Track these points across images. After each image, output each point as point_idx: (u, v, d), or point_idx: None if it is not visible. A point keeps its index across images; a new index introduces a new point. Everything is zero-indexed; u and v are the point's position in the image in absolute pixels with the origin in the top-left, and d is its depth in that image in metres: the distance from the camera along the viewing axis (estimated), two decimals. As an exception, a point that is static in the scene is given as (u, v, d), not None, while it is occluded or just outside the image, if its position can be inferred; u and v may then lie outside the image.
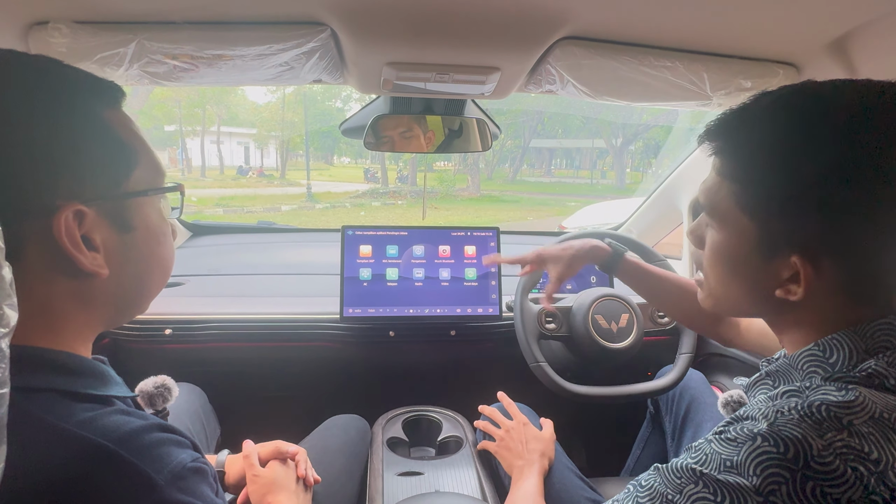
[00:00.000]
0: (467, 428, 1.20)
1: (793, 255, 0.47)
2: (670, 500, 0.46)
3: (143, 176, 0.50)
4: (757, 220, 0.50)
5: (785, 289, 0.49)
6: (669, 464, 0.49)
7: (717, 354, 1.43)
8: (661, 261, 1.26)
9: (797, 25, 0.77)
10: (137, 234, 0.49)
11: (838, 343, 0.48)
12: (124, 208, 0.48)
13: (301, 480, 0.86)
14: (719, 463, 0.44)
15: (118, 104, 0.50)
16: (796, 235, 0.48)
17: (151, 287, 0.54)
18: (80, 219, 0.44)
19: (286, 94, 18.57)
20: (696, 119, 1.59)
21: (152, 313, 1.23)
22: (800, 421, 0.42)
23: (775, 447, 0.41)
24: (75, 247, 0.43)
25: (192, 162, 19.54)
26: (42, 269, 0.43)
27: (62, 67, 0.46)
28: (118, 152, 0.47)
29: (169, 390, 0.68)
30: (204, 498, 0.42)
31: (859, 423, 0.41)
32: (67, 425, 0.39)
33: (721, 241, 0.54)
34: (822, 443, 0.40)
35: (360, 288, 1.29)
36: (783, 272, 0.49)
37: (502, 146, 19.43)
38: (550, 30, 0.77)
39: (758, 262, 0.51)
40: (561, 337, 1.22)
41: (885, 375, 0.45)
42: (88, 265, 0.44)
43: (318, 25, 0.76)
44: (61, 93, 0.44)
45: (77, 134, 0.44)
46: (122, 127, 0.49)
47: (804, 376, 0.50)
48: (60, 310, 0.46)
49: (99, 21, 0.74)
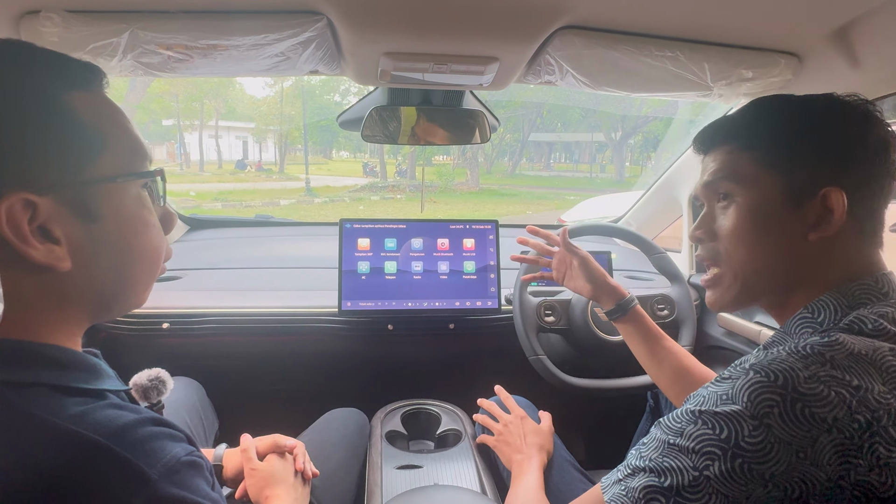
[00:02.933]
0: (466, 421, 1.20)
1: (821, 191, 0.54)
2: (672, 443, 0.49)
3: (112, 161, 0.46)
4: (781, 171, 0.57)
5: (821, 229, 0.55)
6: (670, 414, 0.52)
7: (716, 347, 1.43)
8: (661, 254, 1.26)
9: (799, 14, 0.76)
10: (107, 224, 0.46)
11: (825, 303, 0.55)
12: (88, 196, 0.44)
13: (299, 474, 0.86)
14: (716, 399, 0.48)
15: (88, 86, 0.46)
16: (821, 174, 0.55)
17: (136, 280, 0.50)
18: (33, 209, 0.41)
19: (284, 88, 18.49)
20: (696, 111, 1.58)
21: (150, 307, 1.23)
22: (787, 357, 0.47)
23: (766, 377, 0.46)
24: (21, 239, 0.40)
25: (190, 156, 19.48)
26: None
27: (15, 47, 0.43)
28: (79, 136, 0.44)
29: (164, 383, 0.67)
30: (199, 491, 0.42)
31: (839, 357, 0.46)
32: (58, 420, 0.39)
33: (748, 203, 0.59)
34: (807, 373, 0.45)
35: (359, 281, 1.28)
36: (811, 216, 0.55)
37: (501, 140, 19.37)
38: (549, 19, 0.76)
39: (787, 211, 0.57)
40: (560, 330, 1.22)
41: (864, 322, 0.50)
42: (41, 258, 0.41)
43: (314, 15, 0.75)
44: (8, 75, 0.41)
45: (25, 119, 0.41)
46: (89, 110, 0.45)
47: (797, 337, 0.55)
48: (30, 304, 0.43)
49: (91, 10, 0.73)
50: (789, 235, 0.57)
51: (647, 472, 0.50)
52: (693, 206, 1.50)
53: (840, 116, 0.56)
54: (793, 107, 0.58)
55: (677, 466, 0.47)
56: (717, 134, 0.63)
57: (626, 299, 0.97)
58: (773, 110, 0.59)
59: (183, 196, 11.33)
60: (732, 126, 0.62)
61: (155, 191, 0.52)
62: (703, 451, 0.46)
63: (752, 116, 0.60)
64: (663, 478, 0.48)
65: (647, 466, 0.50)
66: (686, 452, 0.47)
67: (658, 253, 1.25)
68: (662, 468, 0.48)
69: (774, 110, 0.59)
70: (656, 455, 0.50)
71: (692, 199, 1.50)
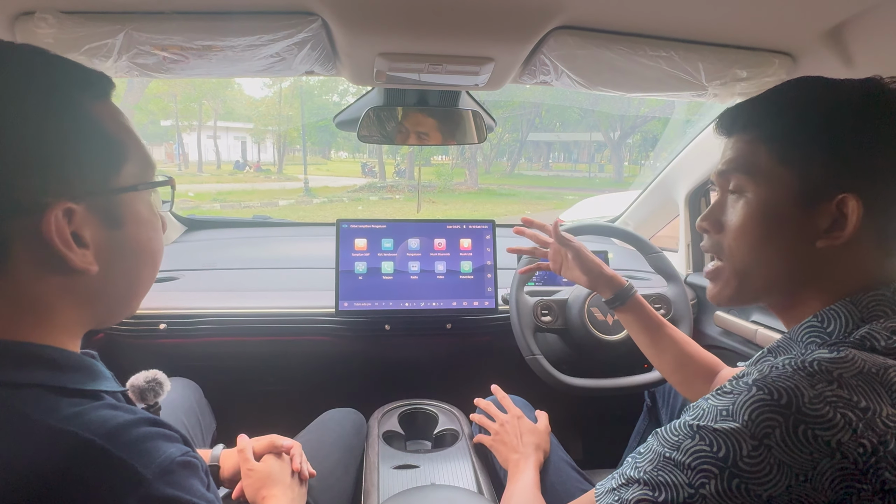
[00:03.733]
0: (463, 421, 1.20)
1: (838, 196, 0.50)
2: (668, 457, 0.48)
3: (132, 170, 0.49)
4: (798, 169, 0.52)
5: (830, 236, 0.51)
6: (668, 425, 0.51)
7: (713, 346, 1.43)
8: (657, 253, 1.26)
9: (793, 14, 0.77)
10: (128, 230, 0.49)
11: (835, 313, 0.51)
12: (114, 204, 0.47)
13: (296, 474, 0.86)
14: (715, 414, 0.46)
15: (107, 96, 0.49)
16: (839, 176, 0.50)
17: (142, 282, 0.53)
18: (70, 216, 0.43)
19: (283, 89, 18.45)
20: (693, 111, 1.58)
21: (147, 308, 1.23)
22: (793, 373, 0.45)
23: (769, 395, 0.44)
24: (66, 245, 0.43)
25: (188, 157, 19.45)
26: (31, 266, 0.43)
27: (49, 58, 0.45)
28: (107, 147, 0.47)
29: (161, 385, 0.68)
30: (193, 492, 0.42)
31: (848, 376, 0.44)
32: (53, 420, 0.39)
33: (759, 200, 0.55)
34: (813, 392, 0.43)
35: (356, 281, 1.28)
36: (823, 221, 0.51)
37: (500, 140, 19.36)
38: (544, 19, 0.77)
39: (798, 213, 0.53)
40: (556, 329, 1.22)
41: (876, 338, 0.47)
42: (79, 262, 0.44)
43: (309, 15, 0.75)
44: (49, 87, 0.43)
45: (65, 130, 0.43)
46: (111, 120, 0.48)
47: (804, 346, 0.52)
48: (51, 306, 0.45)
49: (86, 11, 0.73)
50: (797, 240, 0.53)
51: (641, 485, 0.49)
52: (691, 203, 1.51)
53: (877, 109, 0.50)
54: (825, 93, 0.53)
55: (672, 482, 0.46)
56: (738, 118, 0.58)
57: (625, 288, 0.96)
58: (800, 97, 0.54)
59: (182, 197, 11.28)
60: (754, 111, 0.57)
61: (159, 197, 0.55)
62: (699, 467, 0.45)
63: (777, 102, 0.55)
64: (657, 492, 0.47)
65: (641, 478, 0.49)
66: (682, 468, 0.46)
67: (654, 252, 1.26)
68: (657, 482, 0.47)
69: (802, 97, 0.54)
70: (651, 468, 0.49)
71: (689, 197, 1.50)
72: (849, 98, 0.51)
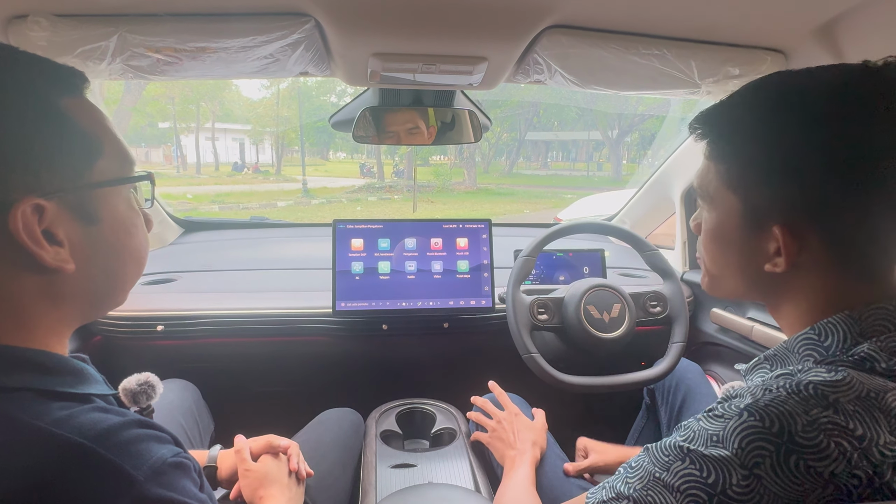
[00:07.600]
0: (461, 419, 1.21)
1: (775, 226, 0.49)
2: (658, 477, 0.47)
3: (107, 166, 0.48)
4: (741, 194, 0.52)
5: (772, 262, 0.50)
6: (659, 443, 0.50)
7: (710, 343, 1.44)
8: (653, 251, 1.26)
9: (784, 11, 0.77)
10: (104, 227, 0.48)
11: (833, 327, 0.49)
12: (88, 200, 0.46)
13: (293, 474, 0.86)
14: (706, 438, 0.45)
15: (79, 91, 0.48)
16: (776, 205, 0.49)
17: (126, 280, 0.52)
18: (40, 213, 0.42)
19: (280, 90, 18.47)
20: (688, 108, 1.59)
21: (144, 310, 1.23)
22: (787, 398, 0.43)
23: (761, 421, 0.42)
24: (35, 242, 0.42)
25: (186, 159, 19.45)
26: (5, 266, 0.42)
27: (14, 53, 0.44)
28: (78, 142, 0.45)
29: (153, 387, 0.67)
30: (186, 493, 0.42)
31: (845, 401, 0.42)
32: (42, 424, 0.39)
33: (712, 221, 0.57)
34: (807, 419, 0.41)
35: (353, 282, 1.28)
36: (769, 246, 0.50)
37: (498, 139, 19.37)
38: (537, 18, 0.77)
39: (746, 236, 0.53)
40: (553, 328, 1.22)
41: (876, 359, 0.45)
42: (51, 260, 0.43)
43: (302, 16, 0.75)
44: (13, 81, 0.42)
45: (31, 125, 0.42)
46: (84, 115, 0.46)
47: (800, 360, 0.50)
48: (29, 307, 0.44)
49: (79, 14, 0.73)
50: (747, 262, 0.54)
51: (630, 502, 0.48)
52: (687, 200, 1.51)
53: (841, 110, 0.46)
54: (775, 115, 0.49)
55: (660, 503, 0.46)
56: (699, 128, 0.56)
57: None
58: (754, 104, 0.51)
59: (180, 199, 11.32)
60: (707, 124, 0.55)
61: (142, 194, 0.54)
62: (688, 491, 0.44)
63: (731, 119, 0.53)
64: None
65: (630, 496, 0.49)
66: (671, 490, 0.46)
67: (650, 250, 1.26)
68: (646, 502, 0.47)
69: (756, 104, 0.51)
70: (640, 486, 0.48)
71: (684, 196, 1.51)
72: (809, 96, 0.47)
